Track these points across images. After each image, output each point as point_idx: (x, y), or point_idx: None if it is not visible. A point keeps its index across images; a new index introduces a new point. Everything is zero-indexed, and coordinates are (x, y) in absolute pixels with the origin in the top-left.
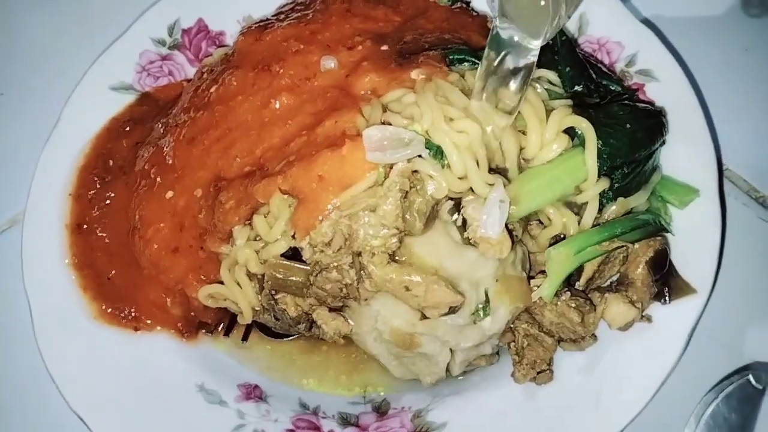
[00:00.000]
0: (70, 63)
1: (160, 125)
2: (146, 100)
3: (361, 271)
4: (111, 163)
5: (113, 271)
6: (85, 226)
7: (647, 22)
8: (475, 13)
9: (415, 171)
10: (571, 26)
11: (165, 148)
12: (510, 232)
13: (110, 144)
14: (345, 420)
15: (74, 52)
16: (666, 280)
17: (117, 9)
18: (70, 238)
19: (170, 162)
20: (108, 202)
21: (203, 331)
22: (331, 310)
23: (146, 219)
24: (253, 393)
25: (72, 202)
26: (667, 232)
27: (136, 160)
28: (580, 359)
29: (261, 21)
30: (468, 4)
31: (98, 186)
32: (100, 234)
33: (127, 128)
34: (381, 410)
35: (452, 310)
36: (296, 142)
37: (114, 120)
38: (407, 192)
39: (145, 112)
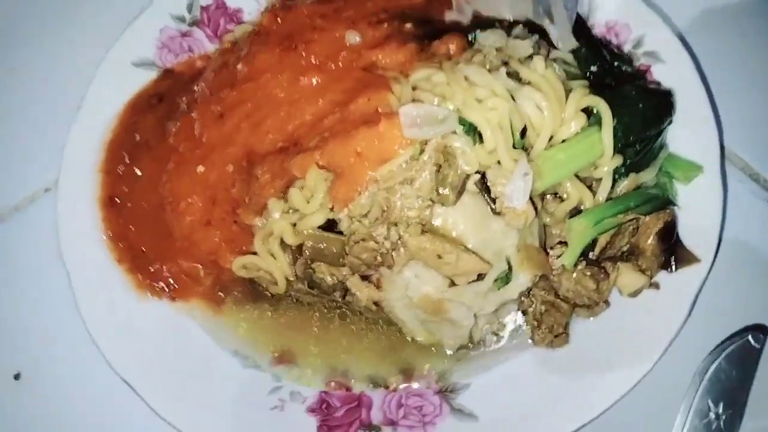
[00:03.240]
0: (93, 35)
1: (185, 100)
2: (170, 75)
3: (397, 241)
4: (137, 137)
5: (146, 243)
6: (117, 200)
7: (653, 6)
8: None
9: (447, 146)
10: (582, 8)
11: (194, 124)
12: (532, 203)
13: (136, 118)
14: (373, 381)
15: (97, 23)
16: (673, 250)
17: None
18: (103, 212)
19: (200, 138)
20: (138, 175)
21: (233, 300)
22: (362, 278)
23: (177, 193)
24: (285, 357)
25: (103, 176)
26: (674, 205)
27: (164, 135)
28: (592, 324)
29: None
30: None
31: (127, 160)
32: (132, 207)
33: (153, 101)
34: (407, 372)
35: (480, 278)
36: (330, 118)
37: (139, 95)
38: (440, 166)
39: (169, 87)
